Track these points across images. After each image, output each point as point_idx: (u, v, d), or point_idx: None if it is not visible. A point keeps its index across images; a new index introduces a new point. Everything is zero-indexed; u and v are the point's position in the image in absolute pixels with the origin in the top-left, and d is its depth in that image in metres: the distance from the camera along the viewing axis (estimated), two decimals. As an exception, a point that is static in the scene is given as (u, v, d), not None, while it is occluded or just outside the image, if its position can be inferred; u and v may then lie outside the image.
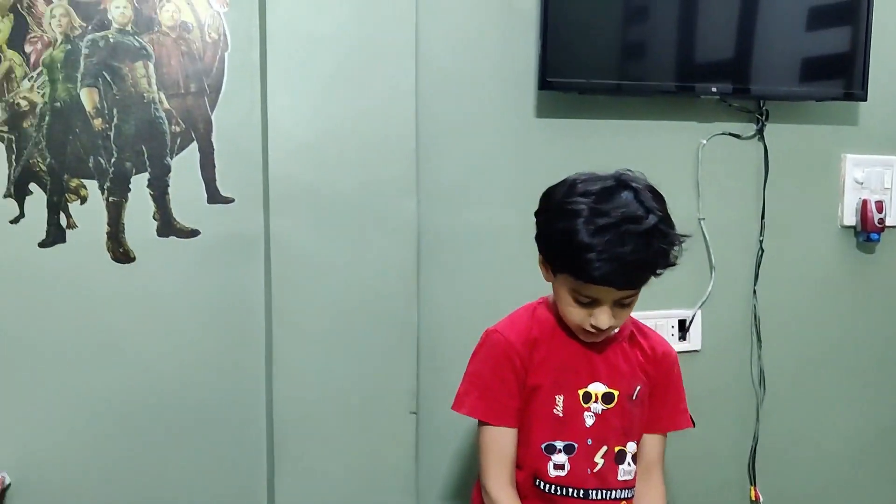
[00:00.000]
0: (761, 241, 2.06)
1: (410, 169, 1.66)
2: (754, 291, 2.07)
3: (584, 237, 1.22)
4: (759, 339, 2.09)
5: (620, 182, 1.28)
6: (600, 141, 1.89)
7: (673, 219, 1.31)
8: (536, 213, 1.37)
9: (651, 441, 1.45)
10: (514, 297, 1.56)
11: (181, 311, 1.69)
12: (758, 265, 2.07)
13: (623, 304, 1.30)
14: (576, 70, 1.78)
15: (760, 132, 2.03)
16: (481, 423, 1.41)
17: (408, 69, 1.63)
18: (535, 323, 1.42)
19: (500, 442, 1.39)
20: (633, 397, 1.40)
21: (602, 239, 1.21)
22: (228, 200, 1.72)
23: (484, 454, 1.40)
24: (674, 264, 1.29)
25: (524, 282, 1.65)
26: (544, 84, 1.76)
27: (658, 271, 1.28)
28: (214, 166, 1.70)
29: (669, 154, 1.95)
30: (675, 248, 1.28)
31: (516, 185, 1.83)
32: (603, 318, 1.29)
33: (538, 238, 1.36)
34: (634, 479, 1.43)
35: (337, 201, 1.63)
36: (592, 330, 1.31)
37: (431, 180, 1.75)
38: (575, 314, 1.31)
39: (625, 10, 1.86)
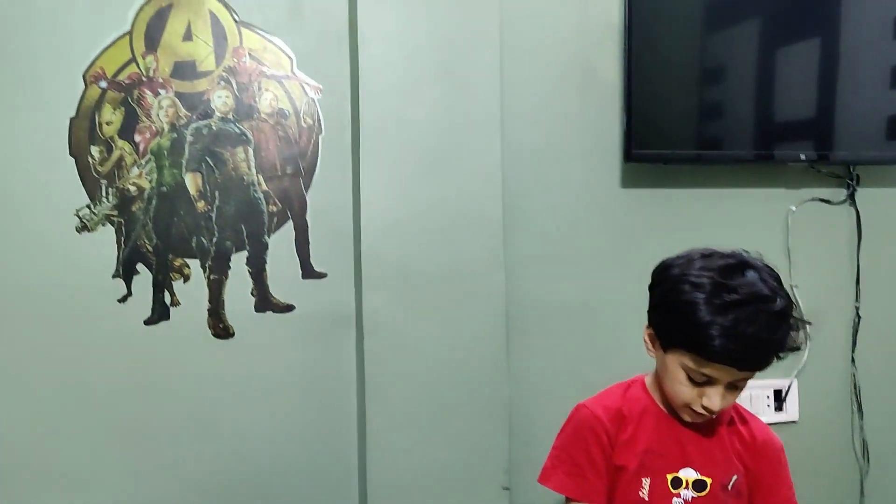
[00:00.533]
0: (857, 308, 2.00)
1: (498, 243, 1.68)
2: (853, 359, 2.00)
3: (708, 313, 1.19)
4: (860, 409, 2.01)
5: (743, 260, 1.26)
6: (688, 210, 1.89)
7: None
8: (651, 287, 1.35)
9: None
10: (606, 371, 1.53)
11: (277, 385, 1.74)
12: (855, 332, 2.00)
13: (736, 387, 1.26)
14: (661, 141, 1.80)
15: (852, 197, 1.99)
16: (568, 500, 1.39)
17: (494, 147, 1.67)
18: (627, 401, 1.39)
19: None
20: (729, 487, 1.34)
21: (728, 317, 1.17)
22: (321, 275, 1.78)
23: None
24: (798, 349, 1.26)
25: (615, 354, 1.64)
26: (630, 156, 1.78)
27: (781, 354, 1.25)
28: (308, 243, 1.77)
29: (758, 221, 1.93)
30: (800, 332, 1.25)
31: (604, 257, 1.84)
32: (716, 398, 1.25)
33: (651, 311, 1.34)
34: None
35: (427, 277, 1.67)
36: (701, 411, 1.28)
37: (518, 253, 1.78)
38: (685, 393, 1.27)
39: (707, 81, 1.88)
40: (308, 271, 1.77)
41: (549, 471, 1.40)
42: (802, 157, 1.88)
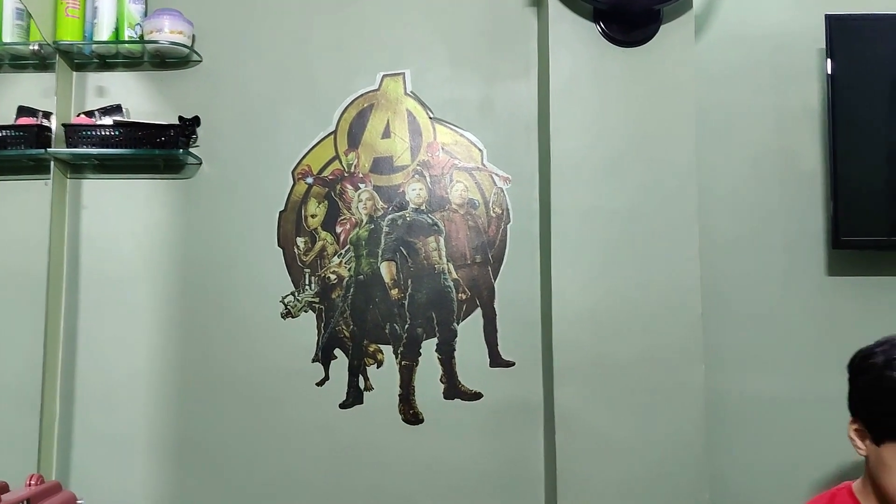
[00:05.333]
0: None
1: (696, 334, 1.60)
2: None
3: None
4: None
5: None
6: (901, 299, 1.75)
7: None
8: (852, 378, 1.25)
9: None
10: (813, 474, 1.43)
11: (465, 473, 1.73)
12: None
13: None
14: (871, 228, 1.68)
15: None
16: None
17: (691, 234, 1.62)
18: None
19: None
20: None
21: None
22: (509, 364, 1.77)
23: None
24: None
25: (823, 455, 1.51)
26: (837, 243, 1.67)
27: None
28: (496, 331, 1.78)
29: None
30: None
31: (809, 348, 1.72)
32: None
33: (856, 404, 1.24)
34: None
35: (621, 369, 1.61)
36: None
37: (717, 345, 1.70)
38: None
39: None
40: (496, 359, 1.78)
41: None
42: None
